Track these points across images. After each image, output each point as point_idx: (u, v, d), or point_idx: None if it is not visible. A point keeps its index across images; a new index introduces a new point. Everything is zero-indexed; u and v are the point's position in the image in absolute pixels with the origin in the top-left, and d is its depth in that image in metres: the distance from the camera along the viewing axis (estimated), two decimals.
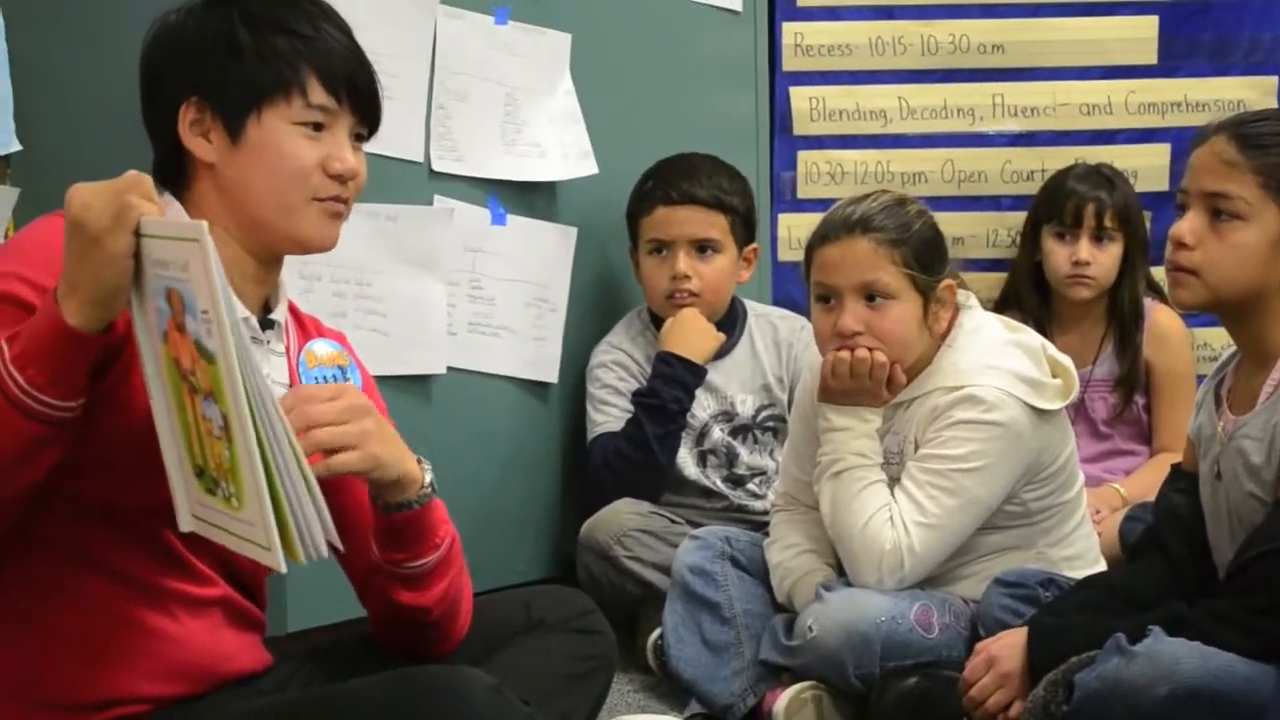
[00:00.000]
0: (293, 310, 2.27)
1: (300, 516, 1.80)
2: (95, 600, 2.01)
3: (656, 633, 3.18)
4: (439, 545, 2.16)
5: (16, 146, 2.94)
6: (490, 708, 1.94)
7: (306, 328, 2.29)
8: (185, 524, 1.92)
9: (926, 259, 2.93)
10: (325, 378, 2.23)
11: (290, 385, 2.16)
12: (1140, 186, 3.91)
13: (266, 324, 2.16)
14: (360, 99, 2.15)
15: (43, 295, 1.87)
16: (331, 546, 1.82)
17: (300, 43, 2.11)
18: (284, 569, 1.80)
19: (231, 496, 1.82)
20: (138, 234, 1.81)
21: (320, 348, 2.20)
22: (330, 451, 1.94)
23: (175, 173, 2.13)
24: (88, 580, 2.01)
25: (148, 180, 1.83)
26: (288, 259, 2.21)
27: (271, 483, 1.77)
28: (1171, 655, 2.41)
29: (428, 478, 2.10)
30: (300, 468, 1.80)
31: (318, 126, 2.12)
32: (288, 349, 2.20)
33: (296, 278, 2.99)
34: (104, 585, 2.01)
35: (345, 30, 2.17)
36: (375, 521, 2.13)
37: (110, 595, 2.02)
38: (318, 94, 2.11)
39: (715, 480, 3.59)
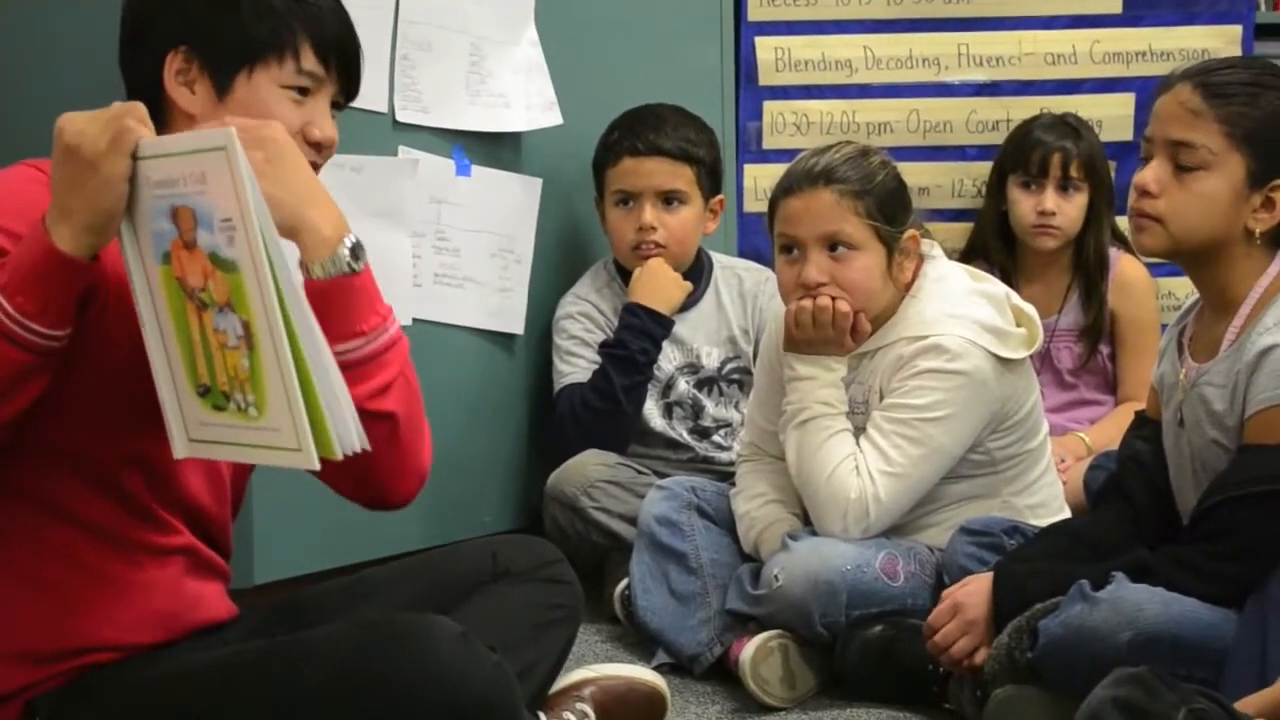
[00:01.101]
0: None
1: (335, 410, 1.79)
2: (62, 549, 2.02)
3: (623, 583, 3.20)
4: (367, 333, 1.98)
5: None
6: (457, 655, 1.95)
7: None
8: (180, 451, 1.92)
9: (890, 210, 2.94)
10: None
11: None
12: (1105, 136, 3.91)
13: None
14: (347, 69, 2.15)
15: (15, 241, 1.87)
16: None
17: (297, 5, 2.10)
18: (317, 466, 1.78)
19: (250, 406, 1.83)
20: (134, 158, 1.82)
21: None
22: None
23: (153, 121, 2.12)
24: (55, 529, 2.02)
25: (141, 107, 1.85)
26: None
27: (304, 378, 1.77)
28: (1134, 601, 2.44)
29: (347, 245, 1.94)
30: (331, 362, 1.81)
31: (303, 91, 2.11)
32: None
33: None
34: (71, 534, 2.02)
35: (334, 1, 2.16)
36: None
37: (76, 544, 2.03)
38: (309, 60, 2.10)
39: (681, 432, 3.61)
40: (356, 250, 1.94)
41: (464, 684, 1.94)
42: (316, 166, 2.13)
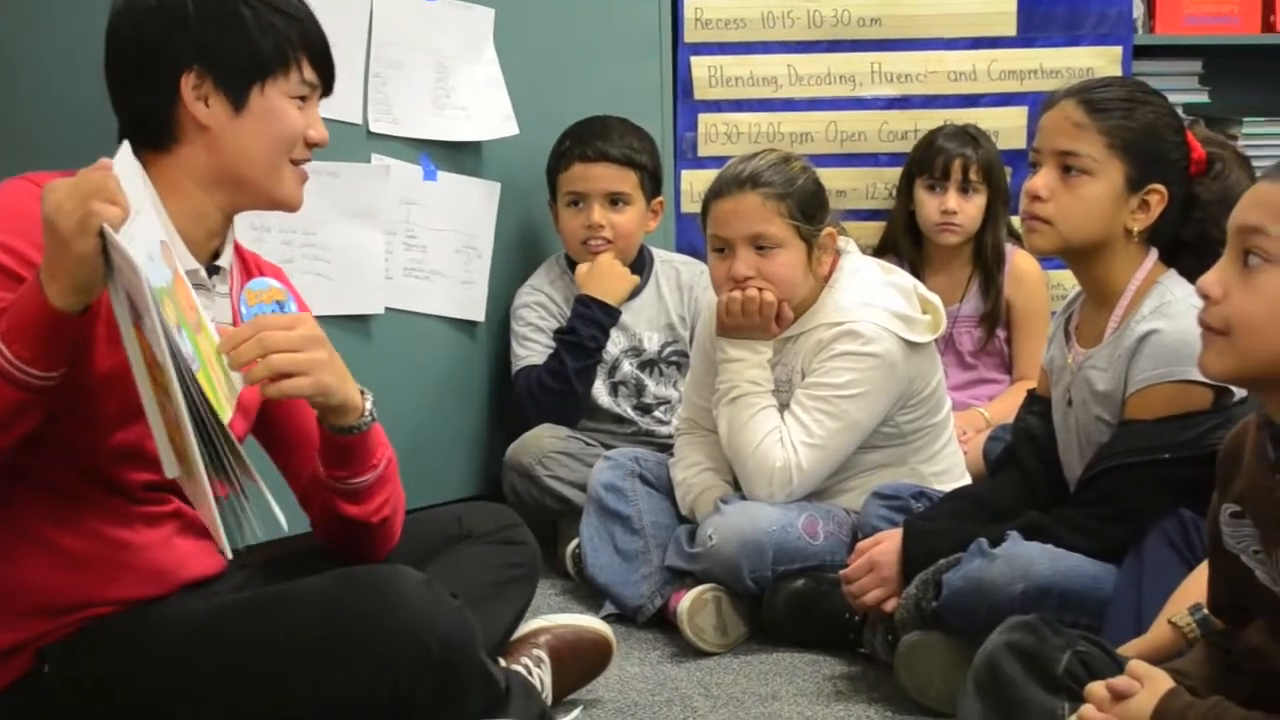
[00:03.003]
0: (237, 249, 2.25)
1: (229, 511, 1.84)
2: (68, 520, 2.01)
3: (574, 543, 3.20)
4: (377, 465, 2.16)
5: None
6: (422, 600, 1.97)
7: (249, 265, 2.28)
8: (171, 470, 1.90)
9: (809, 210, 2.94)
10: (265, 313, 2.22)
11: (233, 324, 2.14)
12: (1002, 145, 3.92)
13: (213, 270, 2.15)
14: (331, 75, 2.17)
15: (15, 257, 1.86)
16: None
17: (293, 22, 2.11)
18: (230, 556, 1.88)
19: (191, 476, 1.84)
20: (102, 236, 1.77)
21: (258, 285, 2.16)
22: (283, 376, 1.94)
23: (160, 135, 2.09)
24: (60, 505, 2.01)
25: (112, 183, 1.79)
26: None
27: (213, 480, 1.79)
28: (1026, 557, 2.46)
29: (368, 406, 2.10)
30: (241, 461, 1.81)
31: (304, 99, 2.13)
32: (232, 289, 2.19)
33: (248, 229, 2.97)
34: (73, 508, 2.01)
35: (310, 9, 2.17)
36: (321, 442, 2.13)
37: (79, 515, 2.01)
38: (308, 71, 2.12)
39: (626, 408, 3.60)
40: (372, 414, 2.12)
41: (428, 625, 1.95)
42: (307, 161, 2.15)
